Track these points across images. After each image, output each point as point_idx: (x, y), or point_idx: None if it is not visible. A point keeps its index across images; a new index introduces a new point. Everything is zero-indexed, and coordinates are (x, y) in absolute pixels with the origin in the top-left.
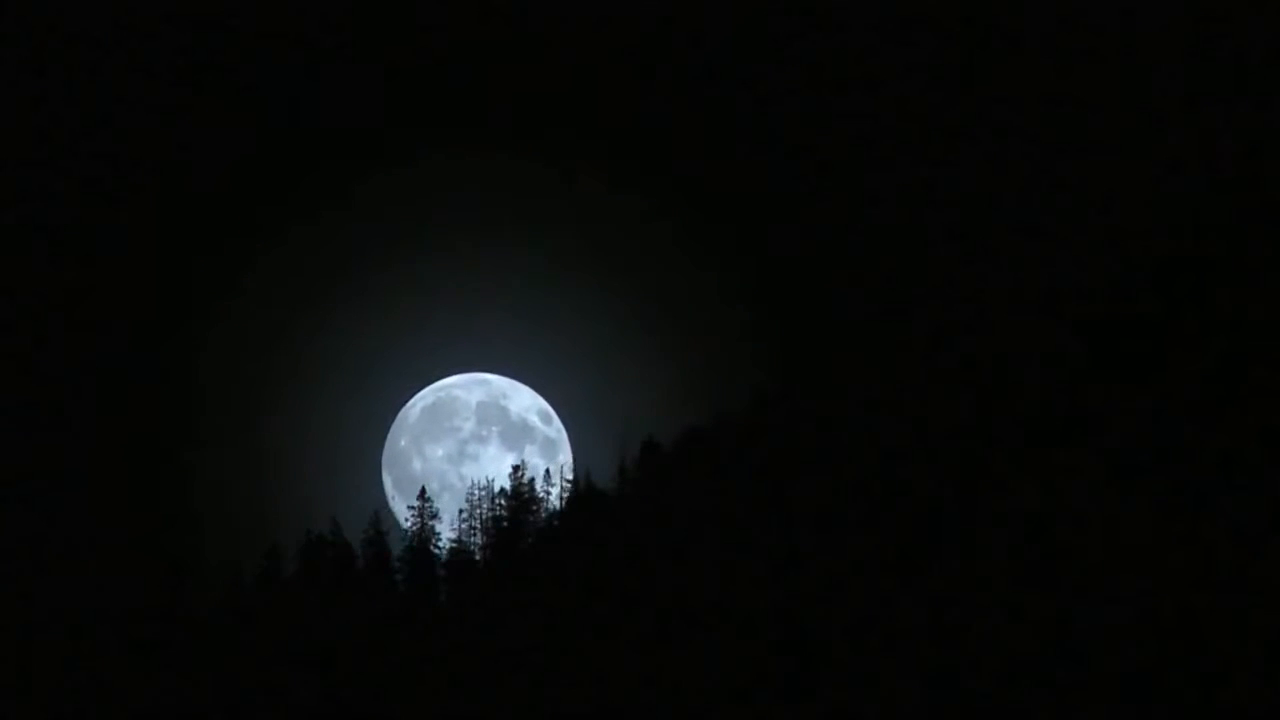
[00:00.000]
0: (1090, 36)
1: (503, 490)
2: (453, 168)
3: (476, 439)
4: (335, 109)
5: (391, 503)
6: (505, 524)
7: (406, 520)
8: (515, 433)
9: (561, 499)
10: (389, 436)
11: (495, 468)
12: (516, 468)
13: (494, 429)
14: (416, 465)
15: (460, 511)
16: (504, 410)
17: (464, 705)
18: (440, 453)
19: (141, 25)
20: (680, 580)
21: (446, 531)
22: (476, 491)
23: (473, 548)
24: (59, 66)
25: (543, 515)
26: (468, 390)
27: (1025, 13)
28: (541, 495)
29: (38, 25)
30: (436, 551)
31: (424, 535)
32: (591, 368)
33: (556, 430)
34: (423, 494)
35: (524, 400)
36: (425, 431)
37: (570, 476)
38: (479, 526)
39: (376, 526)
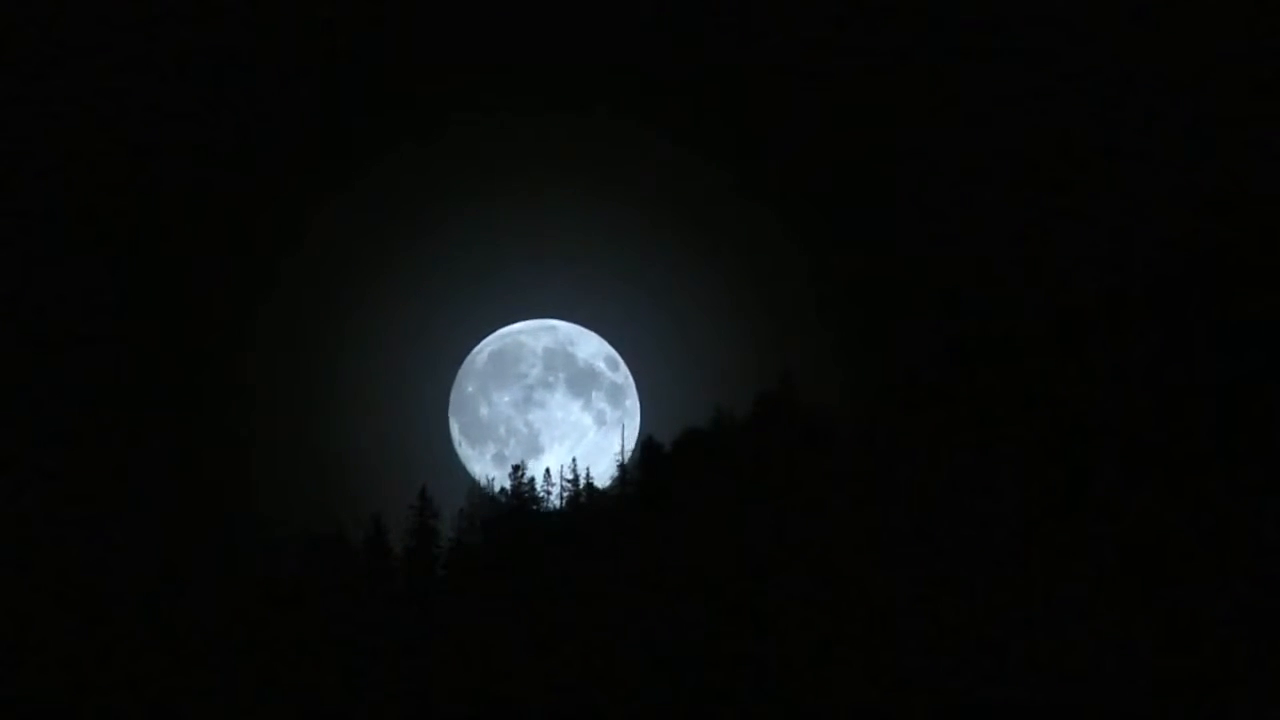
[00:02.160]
0: (1104, 45)
1: (503, 490)
2: (522, 117)
3: (543, 385)
4: (411, 54)
5: (458, 448)
6: (505, 524)
7: (475, 473)
8: (582, 379)
9: (561, 499)
10: (456, 383)
11: (562, 414)
12: (516, 467)
13: (561, 375)
14: (483, 411)
15: (460, 511)
16: (571, 357)
17: (463, 704)
18: (507, 399)
19: None
20: (680, 580)
21: (447, 531)
22: (477, 491)
23: (473, 547)
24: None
25: (543, 515)
26: (534, 336)
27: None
28: (541, 495)
29: (62, 20)
30: (436, 551)
31: (424, 535)
32: (659, 314)
33: (623, 376)
34: (423, 493)
35: (591, 347)
36: (492, 378)
37: (571, 476)
38: (479, 526)
39: (377, 525)
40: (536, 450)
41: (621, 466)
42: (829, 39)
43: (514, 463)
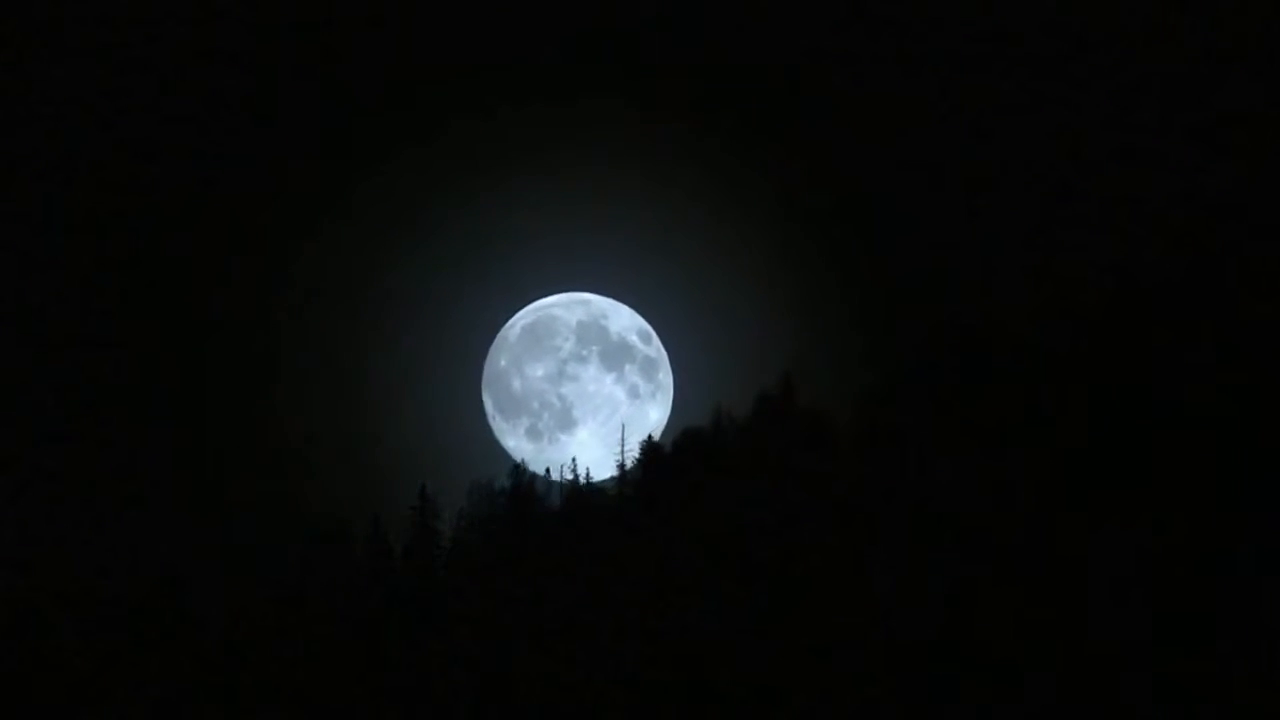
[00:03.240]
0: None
1: (503, 490)
2: (555, 93)
3: (576, 359)
4: (437, 33)
5: (492, 422)
6: (505, 524)
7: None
8: (615, 352)
9: (562, 498)
10: (489, 356)
11: (595, 387)
12: (517, 467)
13: (594, 348)
14: (516, 385)
15: (460, 511)
16: (604, 330)
17: (463, 704)
18: (540, 372)
19: None
20: (680, 580)
21: (447, 531)
22: (477, 491)
23: (473, 547)
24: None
25: (543, 515)
26: (568, 310)
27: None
28: (541, 495)
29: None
30: (437, 551)
31: (424, 535)
32: (692, 287)
33: (656, 350)
34: (423, 493)
35: (624, 320)
36: (525, 351)
37: (570, 476)
38: (479, 526)
39: (377, 525)
40: (570, 424)
41: (621, 466)
42: (843, 43)
43: (515, 462)
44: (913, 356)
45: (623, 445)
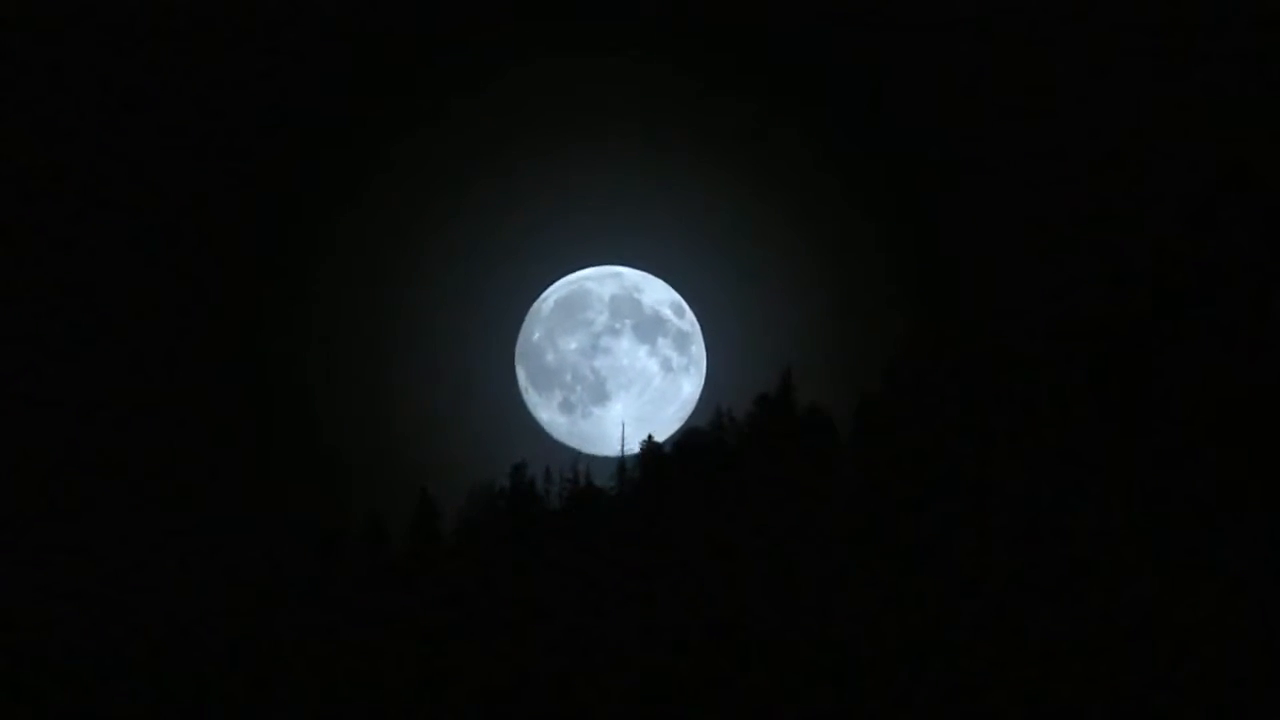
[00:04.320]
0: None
1: (503, 490)
2: (587, 62)
3: (610, 332)
4: (484, 9)
5: (525, 395)
6: (505, 524)
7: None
8: (648, 326)
9: (561, 499)
10: (522, 330)
11: (628, 361)
12: (517, 467)
13: (627, 322)
14: (550, 358)
15: (460, 512)
16: (637, 303)
17: (462, 704)
18: (573, 345)
19: None
20: (680, 580)
21: (448, 531)
22: (477, 491)
23: (473, 547)
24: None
25: (543, 515)
26: (601, 283)
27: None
28: (541, 495)
29: None
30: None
31: (424, 535)
32: (725, 261)
33: (689, 323)
34: (423, 494)
35: (657, 293)
36: (558, 324)
37: (571, 476)
38: (479, 527)
39: (377, 525)
40: (603, 397)
41: (622, 466)
42: (858, 44)
43: (514, 463)
44: (913, 357)
45: (623, 445)
